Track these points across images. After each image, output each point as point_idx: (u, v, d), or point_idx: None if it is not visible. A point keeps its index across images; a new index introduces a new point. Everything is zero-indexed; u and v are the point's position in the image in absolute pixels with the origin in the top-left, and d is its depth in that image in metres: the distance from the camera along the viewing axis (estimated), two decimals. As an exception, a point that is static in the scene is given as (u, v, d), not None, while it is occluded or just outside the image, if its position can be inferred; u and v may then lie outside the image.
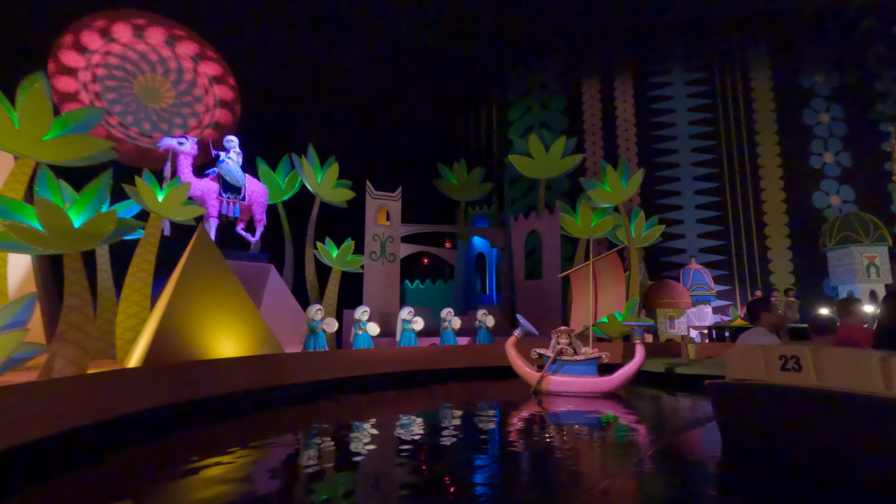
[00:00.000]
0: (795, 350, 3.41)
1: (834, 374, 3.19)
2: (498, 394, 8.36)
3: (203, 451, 4.52)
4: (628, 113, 16.91)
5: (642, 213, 14.38)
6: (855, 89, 15.97)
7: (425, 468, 4.09)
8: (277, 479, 3.84)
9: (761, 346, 3.69)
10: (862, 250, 13.58)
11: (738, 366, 3.86)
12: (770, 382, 3.51)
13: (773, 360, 3.52)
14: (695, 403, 7.52)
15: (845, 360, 3.17)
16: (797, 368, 3.36)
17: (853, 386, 3.06)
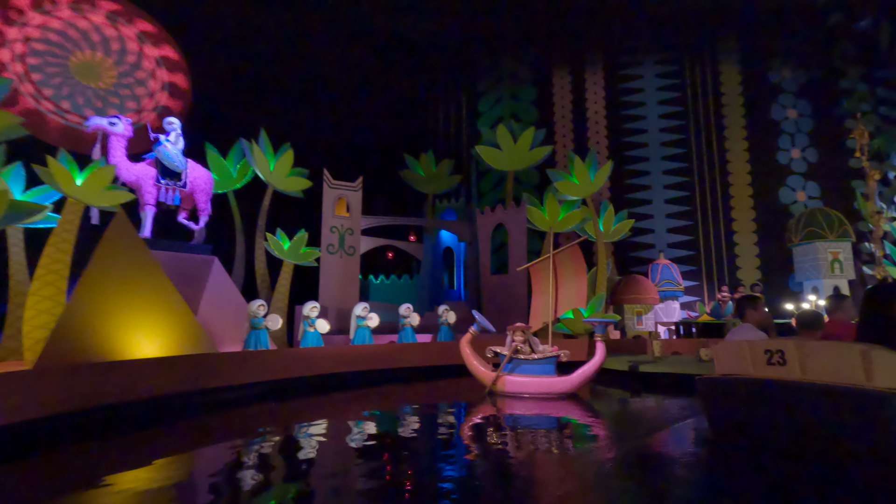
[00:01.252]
0: (780, 345, 3.51)
1: (817, 367, 3.28)
2: (453, 395, 7.86)
3: (88, 470, 3.86)
4: (599, 105, 16.60)
5: (611, 206, 14.08)
6: (821, 85, 16.00)
7: (369, 476, 3.66)
8: None
9: (748, 342, 3.76)
10: (826, 246, 13.56)
11: (725, 361, 3.94)
12: (756, 376, 3.60)
13: (759, 355, 3.60)
14: (659, 403, 7.16)
15: (828, 354, 3.27)
16: (782, 362, 3.45)
17: (836, 378, 3.15)
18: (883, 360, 3.01)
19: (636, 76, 16.56)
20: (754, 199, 15.59)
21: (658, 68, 16.55)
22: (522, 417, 5.84)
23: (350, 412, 6.53)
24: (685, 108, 16.24)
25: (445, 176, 16.60)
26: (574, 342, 10.58)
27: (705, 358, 8.36)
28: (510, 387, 6.80)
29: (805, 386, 3.27)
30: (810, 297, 11.06)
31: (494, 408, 6.35)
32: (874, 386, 2.98)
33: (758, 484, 3.22)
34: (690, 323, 12.03)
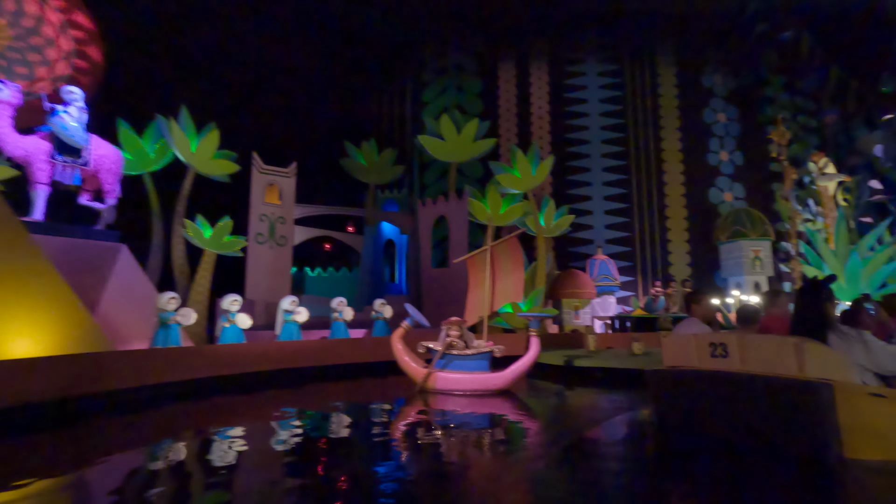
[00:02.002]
0: (723, 338, 3.69)
1: (756, 359, 3.46)
2: (383, 393, 7.45)
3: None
4: (543, 101, 16.65)
5: (552, 201, 14.14)
6: (748, 92, 16.88)
7: (291, 481, 3.35)
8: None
9: (694, 335, 3.94)
10: (749, 244, 14.30)
11: (672, 354, 4.12)
12: (701, 368, 3.76)
13: (704, 348, 3.76)
14: (593, 397, 7.10)
15: (766, 347, 3.46)
16: (725, 355, 3.62)
17: (773, 370, 3.33)
18: (813, 353, 3.23)
19: (579, 73, 16.75)
20: (686, 199, 16.22)
21: (600, 67, 16.82)
22: (454, 415, 5.54)
23: (268, 413, 5.97)
24: (625, 107, 16.61)
25: (388, 166, 16.09)
26: (513, 337, 10.47)
27: (637, 352, 8.44)
28: (442, 384, 6.49)
29: (745, 377, 3.44)
30: (734, 292, 11.59)
31: (425, 406, 6.02)
32: (806, 376, 3.19)
33: (696, 474, 3.29)
34: (625, 317, 12.28)
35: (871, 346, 3.33)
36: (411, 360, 6.73)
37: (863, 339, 3.36)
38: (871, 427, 3.11)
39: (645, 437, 4.63)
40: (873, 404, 3.16)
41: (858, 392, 3.17)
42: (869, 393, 3.19)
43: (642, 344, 8.50)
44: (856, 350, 3.33)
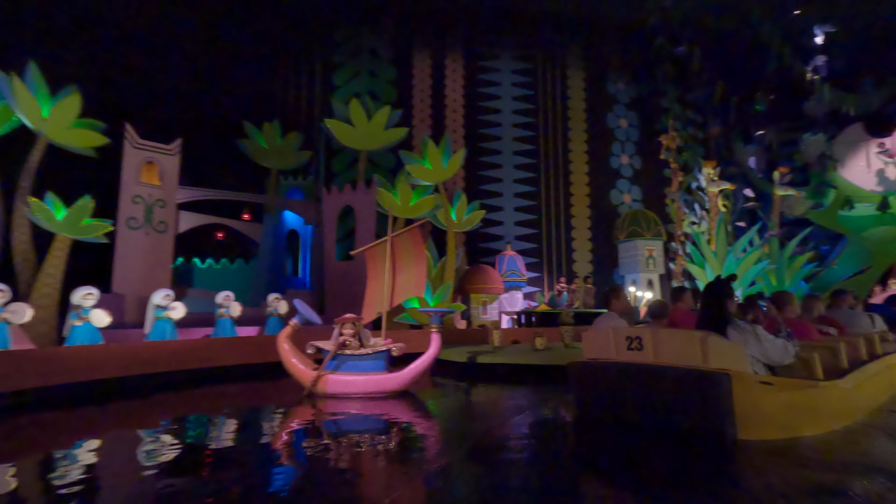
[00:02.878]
0: (639, 332, 3.95)
1: (667, 351, 3.74)
2: (268, 398, 6.72)
3: None
4: (457, 93, 16.46)
5: (464, 196, 13.98)
6: (647, 101, 17.99)
7: None
8: None
9: (612, 329, 4.16)
10: (644, 244, 15.22)
11: (592, 347, 4.35)
12: (619, 360, 4.00)
13: (621, 341, 4.00)
14: (496, 394, 6.91)
15: (675, 340, 3.75)
16: (640, 348, 3.88)
17: (681, 361, 3.62)
18: (716, 345, 3.55)
19: (494, 69, 16.79)
20: (590, 199, 16.93)
21: (514, 64, 16.98)
22: (345, 420, 5.02)
23: (129, 425, 5.03)
24: (536, 106, 16.93)
25: (293, 150, 14.96)
26: (419, 333, 10.09)
27: (539, 347, 8.45)
28: (333, 387, 5.91)
29: (657, 368, 3.70)
30: (630, 288, 12.21)
31: (314, 411, 5.43)
32: (709, 367, 3.50)
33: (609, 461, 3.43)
34: (530, 312, 12.45)
35: (762, 339, 3.66)
36: (299, 362, 6.07)
37: (755, 332, 3.68)
38: (760, 411, 3.45)
39: (553, 434, 4.52)
40: (762, 391, 3.51)
41: (751, 380, 3.49)
42: (759, 381, 3.53)
43: (545, 339, 8.53)
44: (750, 342, 3.64)
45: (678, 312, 4.54)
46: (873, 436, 3.82)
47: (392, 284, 6.87)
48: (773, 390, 3.54)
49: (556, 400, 5.89)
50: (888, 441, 3.70)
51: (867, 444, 3.63)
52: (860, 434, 3.80)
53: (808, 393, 3.75)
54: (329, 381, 5.90)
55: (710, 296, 3.95)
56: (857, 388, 4.21)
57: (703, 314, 3.95)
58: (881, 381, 4.85)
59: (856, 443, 3.59)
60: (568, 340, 9.04)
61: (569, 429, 4.57)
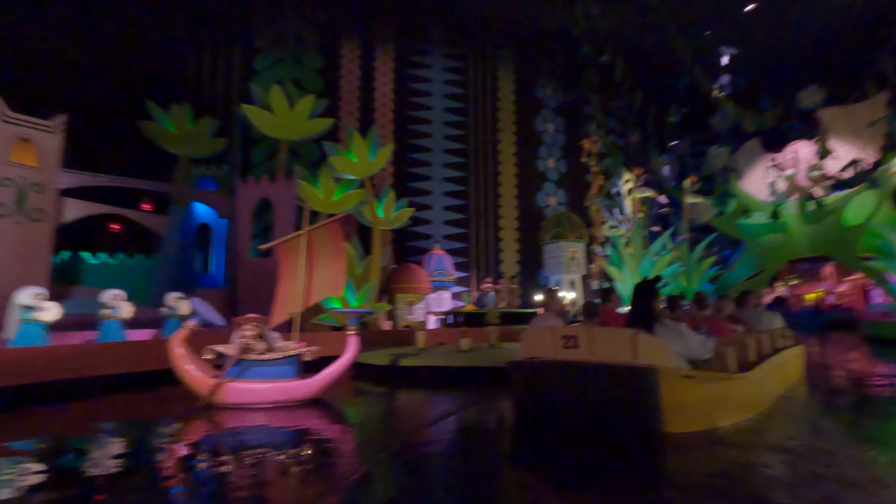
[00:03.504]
0: (575, 331, 4.04)
1: (601, 349, 3.85)
2: (156, 412, 5.89)
3: None
4: (387, 88, 16.00)
5: (393, 193, 13.56)
6: (573, 107, 18.58)
7: None
8: None
9: (550, 328, 4.25)
10: (567, 245, 15.64)
11: (530, 346, 4.41)
12: (556, 358, 4.06)
13: (558, 340, 4.08)
14: (420, 399, 6.56)
15: (608, 338, 3.89)
16: (575, 346, 3.95)
17: (614, 358, 3.73)
18: (645, 343, 3.69)
19: (425, 65, 16.52)
20: (518, 201, 17.16)
21: (446, 62, 16.82)
22: (247, 433, 4.43)
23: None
24: (467, 106, 16.88)
25: (206, 137, 13.73)
26: (339, 336, 9.51)
27: (464, 348, 8.24)
28: (235, 396, 5.27)
29: (592, 365, 3.78)
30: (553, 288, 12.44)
31: (210, 425, 4.77)
32: (639, 363, 3.60)
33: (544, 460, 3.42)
34: (457, 312, 12.28)
35: (685, 336, 3.89)
36: (195, 369, 5.35)
37: (679, 329, 3.91)
38: (684, 404, 3.60)
39: (480, 438, 4.31)
40: (686, 385, 3.68)
41: (676, 374, 3.64)
42: (683, 375, 3.70)
43: (470, 339, 8.33)
44: (674, 339, 3.84)
45: (608, 312, 4.72)
46: (777, 421, 4.14)
47: (307, 283, 6.31)
48: (695, 383, 3.74)
49: (483, 403, 5.67)
50: (790, 425, 4.10)
51: (773, 428, 3.92)
52: (766, 421, 4.08)
53: (725, 385, 4.02)
54: (230, 389, 5.25)
55: (639, 295, 4.11)
56: (763, 380, 4.60)
57: (632, 313, 4.12)
58: (781, 373, 5.30)
59: (765, 429, 3.87)
60: (494, 341, 8.92)
61: (496, 433, 4.42)
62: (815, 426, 4.13)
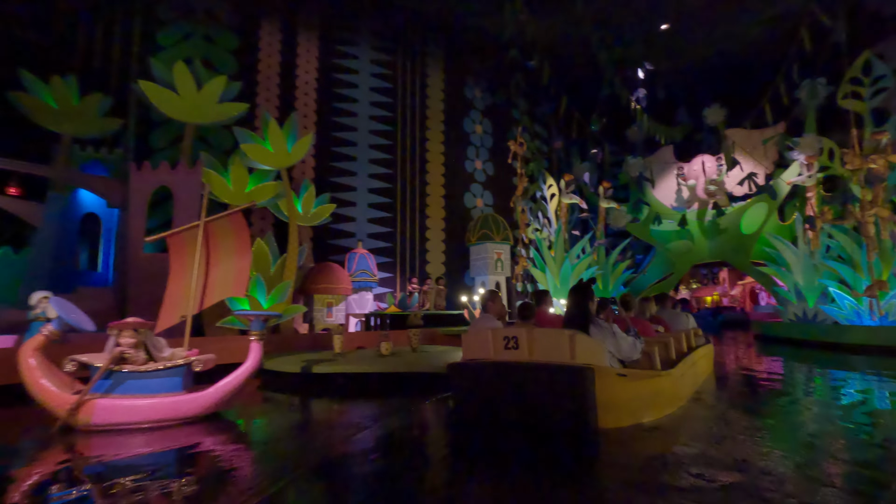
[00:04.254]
0: (515, 332, 4.11)
1: (540, 349, 3.98)
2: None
3: None
4: (310, 76, 15.08)
5: (313, 187, 12.74)
6: (500, 110, 18.72)
7: None
8: None
9: (491, 330, 4.33)
10: (493, 247, 15.64)
11: (471, 347, 4.47)
12: (497, 360, 4.15)
13: (499, 341, 4.17)
14: (334, 409, 5.98)
15: (547, 339, 3.99)
16: (516, 347, 4.06)
17: (553, 358, 3.87)
18: (582, 343, 3.85)
19: (352, 56, 15.81)
20: (445, 201, 16.93)
21: (374, 55, 16.22)
22: (120, 462, 3.66)
23: None
24: (395, 101, 16.39)
25: (95, 115, 12.02)
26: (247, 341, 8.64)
27: (385, 352, 7.76)
28: (103, 415, 4.41)
29: (532, 365, 3.90)
30: (480, 290, 12.30)
31: (71, 454, 3.92)
32: (576, 363, 3.75)
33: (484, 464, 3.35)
34: (380, 315, 11.75)
35: (618, 337, 4.11)
36: (51, 383, 4.42)
37: (612, 330, 4.11)
38: (616, 401, 3.79)
39: (400, 450, 3.95)
40: (618, 383, 3.86)
41: (610, 373, 3.82)
42: (617, 374, 3.89)
43: (390, 343, 7.86)
44: (608, 340, 4.05)
45: (542, 313, 4.91)
46: (694, 414, 4.53)
47: (203, 281, 5.52)
48: (627, 381, 3.94)
49: (405, 411, 5.25)
50: (705, 417, 4.46)
51: (692, 420, 4.31)
52: (686, 414, 4.47)
53: (653, 382, 4.27)
54: (97, 407, 4.38)
55: (575, 297, 4.31)
56: (683, 377, 4.95)
57: (568, 314, 4.32)
58: (696, 370, 5.72)
59: (686, 420, 4.27)
60: (416, 344, 8.52)
61: (423, 441, 4.16)
62: (724, 417, 4.45)
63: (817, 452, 3.47)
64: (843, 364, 8.65)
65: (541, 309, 5.05)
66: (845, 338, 11.56)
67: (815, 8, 13.22)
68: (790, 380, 7.03)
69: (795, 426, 4.34)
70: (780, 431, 4.13)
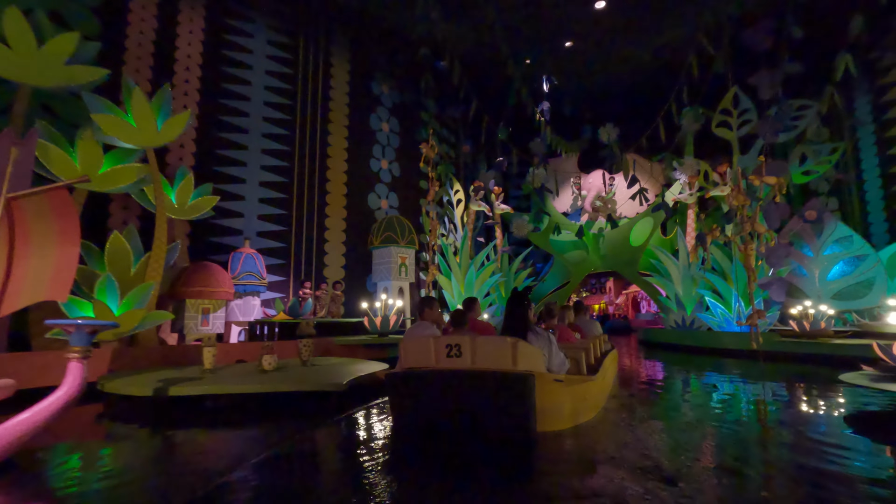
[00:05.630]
0: (458, 339, 4.15)
1: (483, 357, 4.03)
2: None
3: None
4: (194, 49, 13.19)
5: (191, 175, 11.02)
6: (409, 109, 18.10)
7: None
8: None
9: (433, 338, 4.31)
10: (398, 251, 14.89)
11: (410, 356, 4.43)
12: (438, 368, 4.14)
13: (441, 349, 4.19)
14: (197, 441, 4.75)
15: (490, 346, 4.04)
16: (459, 354, 4.10)
17: (495, 365, 3.96)
18: (523, 350, 3.89)
19: (246, 33, 14.16)
20: (347, 200, 15.84)
21: (272, 36, 14.71)
22: None
23: None
24: (294, 89, 15.01)
25: None
26: (98, 353, 6.92)
27: (268, 367, 6.62)
28: None
29: (476, 373, 3.85)
30: (382, 295, 11.46)
31: None
32: (518, 369, 3.80)
33: None
34: (266, 322, 10.39)
35: (552, 347, 4.28)
36: None
37: (549, 338, 4.28)
38: (554, 406, 3.95)
39: None
40: (556, 388, 4.00)
41: (549, 379, 3.94)
42: (554, 379, 4.00)
43: (275, 357, 6.73)
44: (544, 347, 4.22)
45: (474, 321, 4.98)
46: (613, 415, 4.83)
47: (4, 278, 4.07)
48: (563, 387, 4.09)
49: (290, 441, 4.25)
50: (623, 419, 4.70)
51: (613, 420, 4.59)
52: (610, 417, 4.71)
53: (584, 387, 4.44)
54: None
55: (514, 305, 4.41)
56: (604, 380, 5.27)
57: (507, 322, 4.40)
58: (609, 375, 6.05)
59: (607, 422, 4.49)
60: (307, 356, 7.46)
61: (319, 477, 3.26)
62: (635, 414, 4.87)
63: (703, 438, 4.11)
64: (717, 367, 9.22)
65: (471, 317, 5.07)
66: (718, 343, 12.55)
67: (701, 38, 14.47)
68: (671, 382, 7.45)
69: (682, 420, 4.86)
70: (668, 419, 4.81)
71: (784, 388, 6.77)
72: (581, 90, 20.67)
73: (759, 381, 7.28)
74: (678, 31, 16.84)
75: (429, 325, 4.93)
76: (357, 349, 9.78)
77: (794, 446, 3.80)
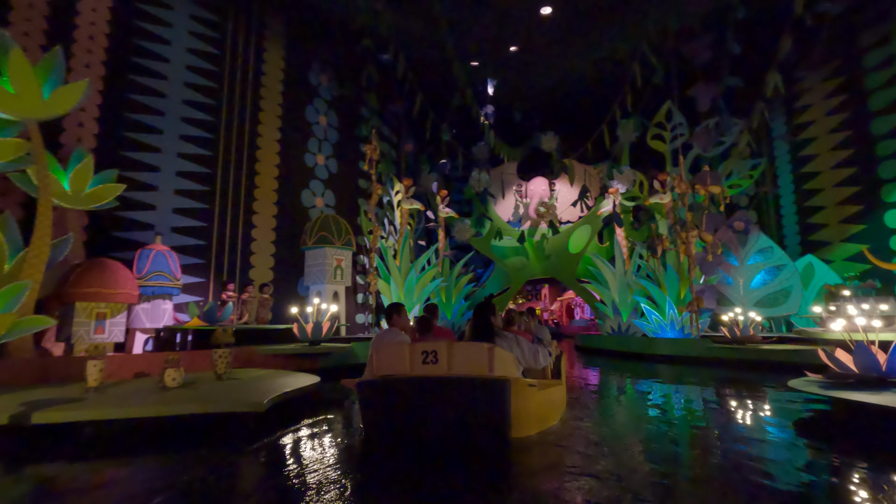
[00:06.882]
0: (434, 346, 4.11)
1: (459, 363, 4.02)
2: None
3: None
4: (100, 15, 11.53)
5: (90, 158, 9.48)
6: (349, 104, 17.15)
7: None
8: None
9: (408, 345, 4.26)
10: (333, 252, 13.90)
11: (383, 363, 4.29)
12: (413, 374, 4.10)
13: (417, 356, 4.13)
14: (73, 480, 3.66)
15: (466, 353, 4.04)
16: (435, 361, 4.06)
17: (471, 371, 3.96)
18: (499, 356, 4.00)
19: (164, 4, 12.64)
20: (278, 195, 14.61)
21: (196, 11, 13.27)
22: None
23: None
24: (221, 72, 13.62)
25: None
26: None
27: (171, 383, 5.54)
28: None
29: (453, 379, 3.91)
30: (315, 300, 10.46)
31: None
32: (494, 375, 3.91)
33: None
34: (177, 329, 9.07)
35: (521, 345, 4.34)
36: None
37: (517, 340, 4.33)
38: (527, 410, 3.97)
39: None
40: (529, 393, 4.01)
41: (523, 384, 3.96)
42: (528, 384, 4.01)
43: (180, 371, 5.66)
44: (514, 350, 4.24)
45: (438, 328, 4.94)
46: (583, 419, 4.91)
47: None
48: (536, 391, 4.10)
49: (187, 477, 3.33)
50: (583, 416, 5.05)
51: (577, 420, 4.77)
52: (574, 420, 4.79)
53: (554, 391, 4.52)
54: None
55: (481, 312, 4.44)
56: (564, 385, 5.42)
57: (475, 328, 4.40)
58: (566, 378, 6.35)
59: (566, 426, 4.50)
60: (223, 369, 6.42)
61: None
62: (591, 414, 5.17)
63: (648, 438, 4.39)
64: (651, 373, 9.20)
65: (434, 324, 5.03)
66: (653, 349, 12.74)
67: (645, 49, 14.83)
68: (609, 387, 7.64)
69: (621, 422, 5.14)
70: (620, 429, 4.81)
71: (727, 392, 6.72)
72: (525, 96, 20.74)
73: (697, 385, 7.24)
74: (621, 44, 17.28)
75: (398, 331, 4.87)
76: (286, 360, 8.76)
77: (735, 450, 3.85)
